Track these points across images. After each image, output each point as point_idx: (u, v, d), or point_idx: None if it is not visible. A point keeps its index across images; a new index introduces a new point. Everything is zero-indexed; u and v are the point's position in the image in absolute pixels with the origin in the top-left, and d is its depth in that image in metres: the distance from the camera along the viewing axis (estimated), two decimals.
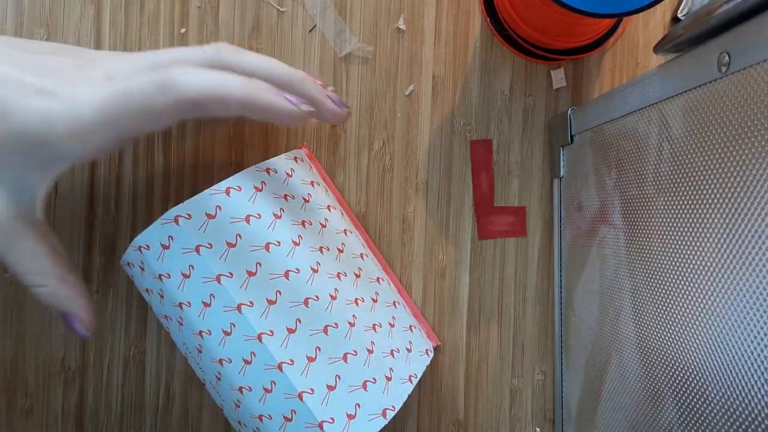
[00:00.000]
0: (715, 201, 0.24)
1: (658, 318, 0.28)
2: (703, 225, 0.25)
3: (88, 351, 0.42)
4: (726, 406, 0.23)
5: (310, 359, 0.32)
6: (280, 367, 0.31)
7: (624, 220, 0.32)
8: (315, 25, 0.42)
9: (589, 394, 0.37)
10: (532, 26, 0.39)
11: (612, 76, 0.44)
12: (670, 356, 0.27)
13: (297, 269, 0.32)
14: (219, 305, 0.31)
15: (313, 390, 0.31)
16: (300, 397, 0.31)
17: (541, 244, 0.44)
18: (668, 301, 0.27)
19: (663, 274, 0.28)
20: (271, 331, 0.31)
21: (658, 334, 0.28)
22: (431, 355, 0.39)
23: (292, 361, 0.31)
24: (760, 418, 0.21)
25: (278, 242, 0.32)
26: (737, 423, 0.22)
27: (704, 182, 0.25)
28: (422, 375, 0.42)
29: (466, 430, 0.43)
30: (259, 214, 0.32)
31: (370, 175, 0.43)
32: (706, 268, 0.25)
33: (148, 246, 0.31)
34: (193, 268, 0.31)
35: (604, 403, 0.35)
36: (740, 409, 0.22)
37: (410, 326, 0.39)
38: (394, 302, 0.39)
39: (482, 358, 0.43)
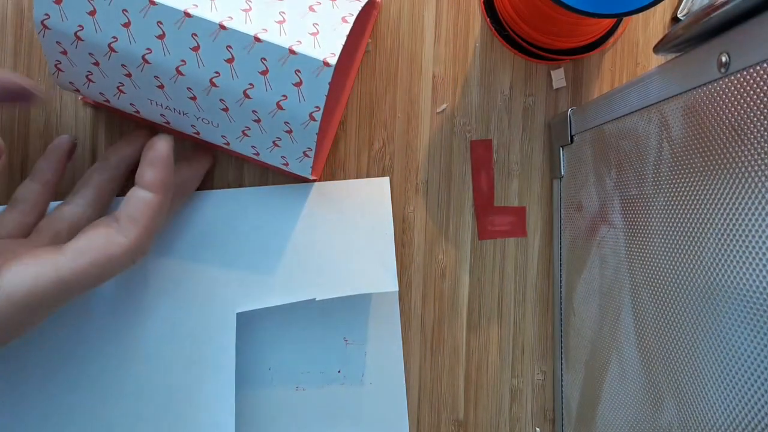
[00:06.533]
0: (715, 201, 0.24)
1: (658, 318, 0.28)
2: (702, 225, 0.25)
3: None
4: (726, 406, 0.23)
5: (246, 10, 0.32)
6: (221, 27, 0.31)
7: (624, 220, 0.32)
8: None
9: (589, 394, 0.37)
10: (532, 26, 0.39)
11: (612, 76, 0.44)
12: (670, 356, 0.27)
13: None
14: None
15: (265, 29, 0.32)
16: (256, 39, 0.31)
17: (541, 244, 0.44)
18: (668, 301, 0.27)
19: (663, 274, 0.28)
20: (195, 5, 0.31)
21: (658, 334, 0.28)
22: None
23: (230, 18, 0.32)
24: (759, 418, 0.21)
25: None
26: (737, 423, 0.22)
27: (704, 182, 0.25)
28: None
29: (466, 430, 0.43)
30: None
31: (370, 175, 0.43)
32: (706, 268, 0.25)
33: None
34: (128, 11, 0.31)
35: (604, 403, 0.35)
36: (740, 408, 0.22)
37: None
38: None
39: (482, 358, 0.43)
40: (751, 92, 0.22)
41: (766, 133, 0.21)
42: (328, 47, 0.32)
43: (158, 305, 0.39)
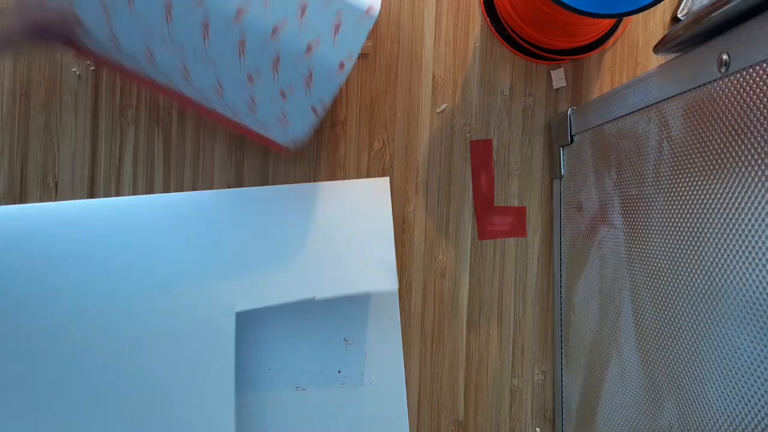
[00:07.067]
0: (715, 200, 0.24)
1: (658, 318, 0.28)
2: (702, 224, 0.25)
3: None
4: (726, 406, 0.23)
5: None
6: (239, 15, 0.31)
7: (624, 220, 0.32)
8: None
9: (589, 394, 0.37)
10: (532, 26, 0.39)
11: (612, 76, 0.44)
12: (670, 356, 0.27)
13: None
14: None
15: (285, 20, 0.31)
16: (275, 32, 0.31)
17: (541, 244, 0.44)
18: (668, 301, 0.27)
19: (663, 274, 0.28)
20: None
21: (658, 334, 0.28)
22: None
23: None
24: (759, 418, 0.21)
25: None
26: (737, 423, 0.22)
27: (704, 182, 0.25)
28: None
29: (466, 430, 0.43)
30: None
31: (370, 175, 0.43)
32: (705, 268, 0.25)
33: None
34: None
35: (603, 403, 0.35)
36: (740, 408, 0.22)
37: None
38: None
39: (482, 358, 0.43)
40: (751, 92, 0.22)
41: (766, 133, 0.21)
42: None
43: (157, 304, 0.39)
